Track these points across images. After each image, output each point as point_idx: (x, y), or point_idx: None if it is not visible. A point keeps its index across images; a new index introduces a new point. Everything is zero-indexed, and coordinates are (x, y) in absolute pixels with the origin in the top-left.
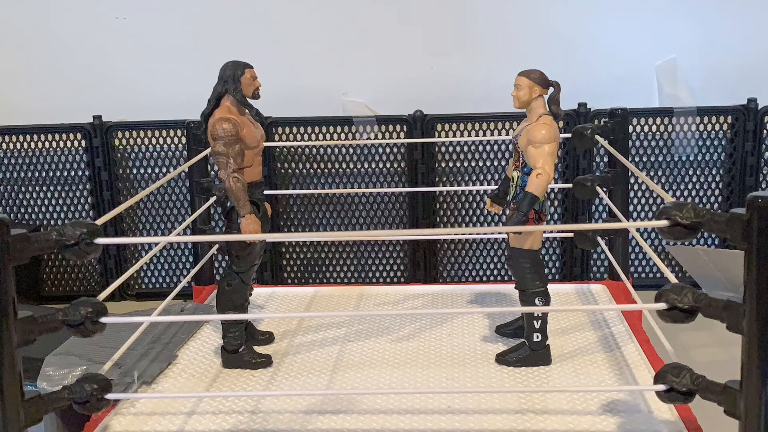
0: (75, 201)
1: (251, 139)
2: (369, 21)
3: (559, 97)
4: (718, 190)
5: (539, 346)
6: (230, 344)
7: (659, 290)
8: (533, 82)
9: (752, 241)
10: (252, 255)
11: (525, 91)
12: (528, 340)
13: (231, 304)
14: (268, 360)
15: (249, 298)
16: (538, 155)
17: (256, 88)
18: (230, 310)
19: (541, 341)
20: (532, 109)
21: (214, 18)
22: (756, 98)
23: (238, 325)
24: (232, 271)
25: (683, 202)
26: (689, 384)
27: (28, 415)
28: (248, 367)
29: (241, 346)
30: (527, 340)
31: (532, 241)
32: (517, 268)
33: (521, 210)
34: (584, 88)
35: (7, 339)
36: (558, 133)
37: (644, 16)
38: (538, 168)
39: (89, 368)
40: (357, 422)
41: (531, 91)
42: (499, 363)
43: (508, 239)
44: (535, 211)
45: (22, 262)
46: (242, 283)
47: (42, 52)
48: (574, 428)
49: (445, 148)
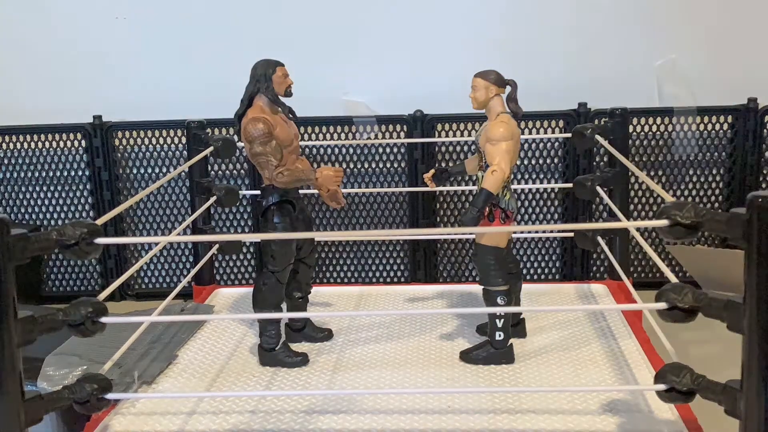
0: (75, 201)
1: (285, 138)
2: (369, 21)
3: (516, 95)
4: (719, 190)
5: (502, 344)
6: (267, 343)
7: (659, 290)
8: (489, 83)
9: (752, 241)
10: (288, 253)
11: (481, 92)
12: (491, 339)
13: (267, 303)
14: (304, 358)
15: (307, 296)
16: (494, 152)
17: (288, 86)
18: (266, 310)
19: (504, 340)
20: (490, 109)
21: (214, 18)
22: (756, 98)
23: (275, 323)
24: (267, 271)
25: (683, 201)
26: (689, 384)
27: (29, 415)
28: (285, 366)
29: (277, 345)
30: (490, 338)
31: (498, 238)
32: (482, 264)
33: (475, 206)
34: (584, 88)
35: (7, 339)
36: (517, 131)
37: (645, 15)
38: (494, 165)
39: (89, 368)
40: (357, 422)
41: (487, 91)
42: (463, 360)
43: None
44: (502, 209)
45: (23, 262)
46: (278, 283)
47: (42, 52)
48: (574, 428)
49: (445, 147)
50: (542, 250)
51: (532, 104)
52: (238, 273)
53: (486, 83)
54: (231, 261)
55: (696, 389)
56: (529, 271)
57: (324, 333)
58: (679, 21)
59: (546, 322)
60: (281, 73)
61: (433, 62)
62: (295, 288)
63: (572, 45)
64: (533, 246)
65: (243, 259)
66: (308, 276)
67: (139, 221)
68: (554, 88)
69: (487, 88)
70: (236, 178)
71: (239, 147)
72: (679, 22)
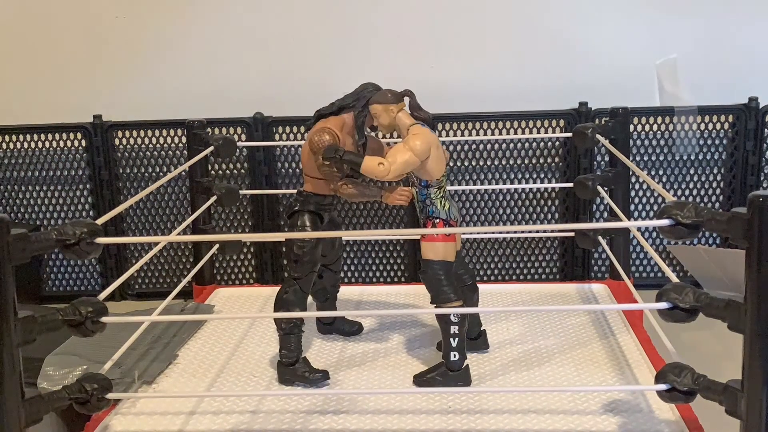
0: (75, 200)
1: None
2: (369, 20)
3: (417, 102)
4: (720, 189)
5: (456, 366)
6: (287, 357)
7: (660, 290)
8: (386, 104)
9: (753, 240)
10: (311, 260)
11: (384, 117)
12: (446, 360)
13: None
14: (325, 375)
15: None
16: (396, 152)
17: (381, 125)
18: (285, 321)
19: (459, 360)
20: (399, 127)
21: (214, 17)
22: (757, 97)
23: (296, 337)
24: (289, 277)
25: (684, 201)
26: (690, 383)
27: (29, 415)
28: (305, 382)
29: (297, 361)
30: (444, 359)
31: (444, 252)
32: (432, 280)
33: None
34: (585, 88)
35: (7, 338)
36: (433, 138)
37: (645, 14)
38: (388, 161)
39: (90, 368)
40: (357, 422)
41: (388, 113)
42: (417, 385)
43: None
44: (444, 221)
45: (23, 261)
46: (300, 291)
47: (42, 52)
48: (575, 428)
49: (445, 147)
50: (543, 250)
51: (533, 104)
52: (238, 273)
53: (383, 107)
54: (231, 261)
55: (697, 389)
56: (530, 270)
57: (355, 327)
58: (679, 20)
59: (546, 322)
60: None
61: (433, 62)
62: (321, 290)
63: (573, 44)
64: (533, 246)
65: (243, 259)
66: (333, 279)
67: (139, 221)
68: (555, 87)
69: (387, 109)
70: (236, 177)
71: (239, 146)
72: (679, 21)
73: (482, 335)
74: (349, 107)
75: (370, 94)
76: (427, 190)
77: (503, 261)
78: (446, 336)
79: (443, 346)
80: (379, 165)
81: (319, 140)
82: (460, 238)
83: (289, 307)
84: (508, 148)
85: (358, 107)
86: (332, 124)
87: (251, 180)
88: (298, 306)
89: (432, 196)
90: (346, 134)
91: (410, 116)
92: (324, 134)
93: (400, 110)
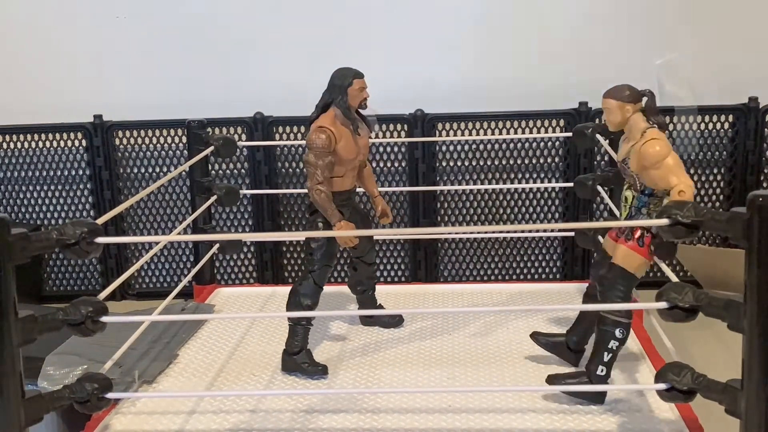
0: (75, 200)
1: (348, 152)
2: (369, 20)
3: (655, 104)
4: (720, 189)
5: (601, 380)
6: (291, 347)
7: (660, 289)
8: (621, 102)
9: (753, 240)
10: (327, 254)
11: (616, 114)
12: (591, 371)
13: (299, 305)
14: (324, 369)
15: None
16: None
17: (363, 99)
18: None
19: (604, 376)
20: (632, 129)
21: (214, 17)
22: (757, 97)
23: (304, 329)
24: (306, 271)
25: (684, 201)
26: (690, 383)
27: (29, 415)
28: (303, 372)
29: (301, 351)
30: (590, 369)
31: (637, 267)
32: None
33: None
34: (585, 87)
35: (7, 338)
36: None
37: (645, 15)
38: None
39: (90, 367)
40: (357, 422)
41: (622, 111)
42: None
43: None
44: (653, 235)
45: (23, 261)
46: (314, 285)
47: (42, 52)
48: (575, 427)
49: (446, 147)
50: (543, 250)
51: (533, 103)
52: (238, 272)
53: (618, 104)
54: (231, 260)
55: (696, 388)
56: (530, 270)
57: (396, 319)
58: (679, 20)
59: (547, 322)
60: (358, 86)
61: (434, 61)
62: (357, 282)
63: (573, 44)
64: (534, 245)
65: (243, 258)
66: (369, 272)
67: (140, 221)
68: (555, 87)
69: (622, 108)
70: (236, 177)
71: (239, 146)
72: (679, 21)
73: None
74: (329, 101)
75: (338, 80)
76: (649, 198)
77: (503, 261)
78: (602, 347)
79: (593, 354)
80: (681, 193)
81: (317, 139)
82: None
83: (301, 299)
84: (508, 148)
85: (335, 97)
86: (325, 122)
87: (251, 180)
88: (311, 298)
89: (651, 206)
90: (340, 125)
91: (646, 119)
92: (321, 134)
93: (636, 111)
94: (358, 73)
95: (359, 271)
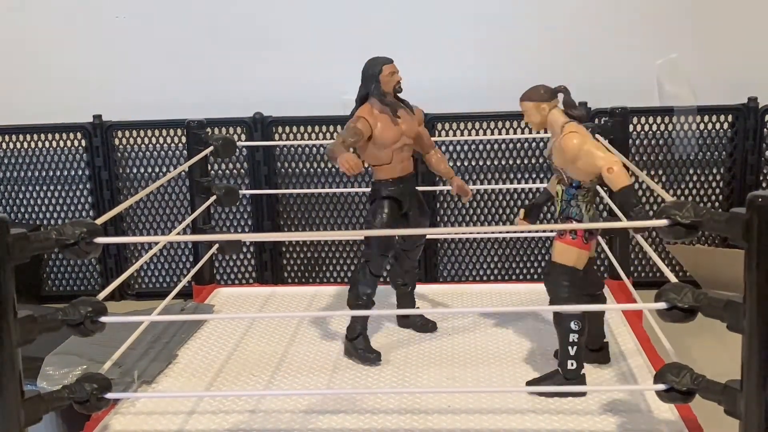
0: (75, 200)
1: (386, 137)
2: (369, 20)
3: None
4: (719, 189)
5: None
6: (350, 332)
7: (659, 290)
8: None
9: (752, 241)
10: (383, 243)
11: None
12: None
13: (356, 293)
14: (377, 356)
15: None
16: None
17: (396, 83)
18: (354, 300)
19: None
20: (552, 125)
21: (214, 17)
22: (756, 97)
23: (362, 316)
24: (363, 261)
25: (683, 201)
26: (689, 383)
27: (28, 415)
28: (358, 359)
29: (359, 336)
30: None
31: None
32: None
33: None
34: (585, 88)
35: (7, 338)
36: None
37: (645, 15)
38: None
39: (89, 367)
40: (357, 422)
41: (539, 111)
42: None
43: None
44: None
45: (22, 261)
46: (370, 274)
47: (42, 52)
48: (575, 427)
49: (446, 147)
50: (543, 250)
51: None
52: (238, 273)
53: (534, 104)
54: (231, 261)
55: (696, 389)
56: (530, 270)
57: (429, 324)
58: (679, 21)
59: (547, 322)
60: (388, 72)
61: (435, 61)
62: (397, 275)
63: (573, 45)
64: (533, 246)
65: (243, 258)
66: (409, 265)
67: (139, 221)
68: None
69: (538, 108)
70: (236, 177)
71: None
72: (679, 21)
73: (605, 347)
74: (365, 93)
75: (369, 69)
76: (576, 190)
77: (503, 261)
78: (564, 344)
79: (560, 354)
80: (610, 170)
81: (350, 121)
82: (594, 247)
83: (359, 288)
84: (508, 148)
85: (370, 87)
86: (362, 112)
87: (251, 180)
88: (369, 287)
89: (580, 197)
90: (378, 113)
91: (564, 114)
92: (357, 121)
93: (553, 108)
94: (386, 60)
95: (401, 262)
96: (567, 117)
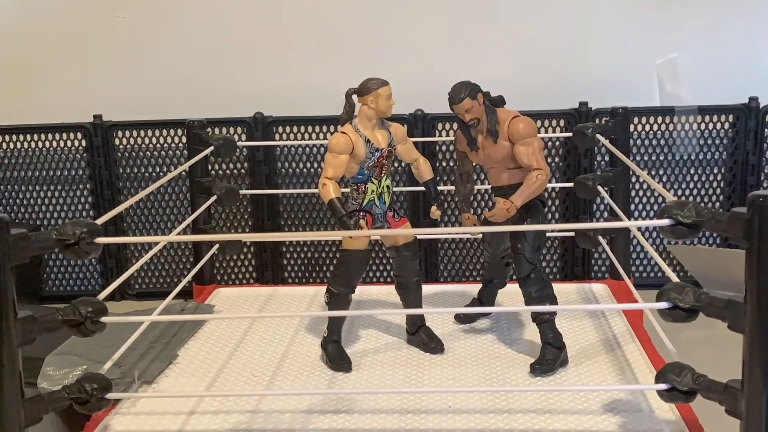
0: (75, 200)
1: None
2: (369, 20)
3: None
4: (720, 189)
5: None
6: (555, 341)
7: (660, 289)
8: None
9: (753, 240)
10: (536, 249)
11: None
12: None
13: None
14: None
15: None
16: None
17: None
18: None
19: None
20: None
21: (214, 18)
22: (757, 97)
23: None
24: (524, 276)
25: (685, 201)
26: (690, 383)
27: (28, 415)
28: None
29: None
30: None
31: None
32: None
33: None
34: (585, 87)
35: (7, 338)
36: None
37: (645, 15)
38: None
39: (89, 368)
40: (357, 422)
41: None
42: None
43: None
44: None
45: (22, 261)
46: (543, 279)
47: (42, 52)
48: (576, 428)
49: (446, 147)
50: (543, 250)
51: (533, 103)
52: (238, 273)
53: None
54: (231, 261)
55: (697, 389)
56: None
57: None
58: (679, 20)
59: None
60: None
61: (434, 61)
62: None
63: (573, 44)
64: None
65: (243, 258)
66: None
67: (140, 221)
68: (555, 87)
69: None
70: (236, 177)
71: (239, 146)
72: (679, 21)
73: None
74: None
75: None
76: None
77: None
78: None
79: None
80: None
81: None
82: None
83: (545, 296)
84: None
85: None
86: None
87: (251, 180)
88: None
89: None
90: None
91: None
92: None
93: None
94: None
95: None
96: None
